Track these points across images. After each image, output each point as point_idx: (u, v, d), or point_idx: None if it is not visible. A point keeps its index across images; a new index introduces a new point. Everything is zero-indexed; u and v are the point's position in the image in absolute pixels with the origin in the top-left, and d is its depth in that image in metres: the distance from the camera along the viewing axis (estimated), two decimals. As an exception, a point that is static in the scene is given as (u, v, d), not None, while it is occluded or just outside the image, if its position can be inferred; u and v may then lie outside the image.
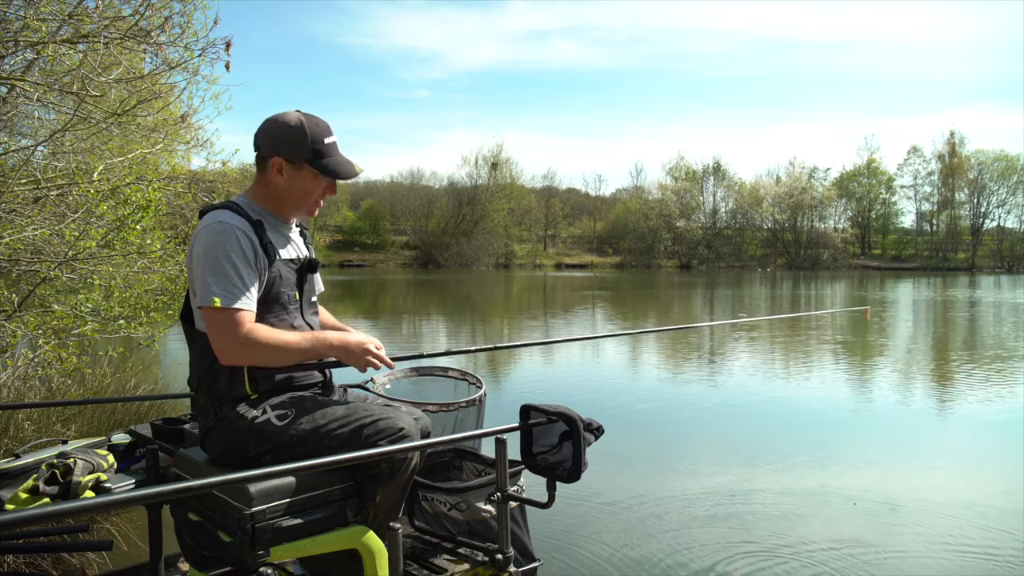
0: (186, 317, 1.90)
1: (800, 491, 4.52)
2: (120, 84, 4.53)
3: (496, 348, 2.96)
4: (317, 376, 1.97)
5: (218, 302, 1.72)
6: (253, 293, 1.79)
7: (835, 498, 4.38)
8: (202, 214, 1.89)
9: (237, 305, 1.74)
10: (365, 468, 1.79)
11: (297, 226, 2.07)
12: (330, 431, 1.78)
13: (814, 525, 3.95)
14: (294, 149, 1.87)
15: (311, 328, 1.98)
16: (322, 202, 1.98)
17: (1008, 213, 66.40)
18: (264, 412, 1.81)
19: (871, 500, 4.34)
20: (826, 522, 3.98)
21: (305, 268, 1.98)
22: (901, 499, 4.42)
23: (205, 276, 1.74)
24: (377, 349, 1.92)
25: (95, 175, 4.67)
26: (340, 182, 1.99)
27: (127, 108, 4.66)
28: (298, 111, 1.91)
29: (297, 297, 1.95)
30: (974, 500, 4.41)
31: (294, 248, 1.98)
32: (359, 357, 1.88)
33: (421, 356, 2.72)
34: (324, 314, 2.19)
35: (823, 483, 4.69)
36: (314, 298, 2.06)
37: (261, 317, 1.84)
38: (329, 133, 1.91)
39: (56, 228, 4.52)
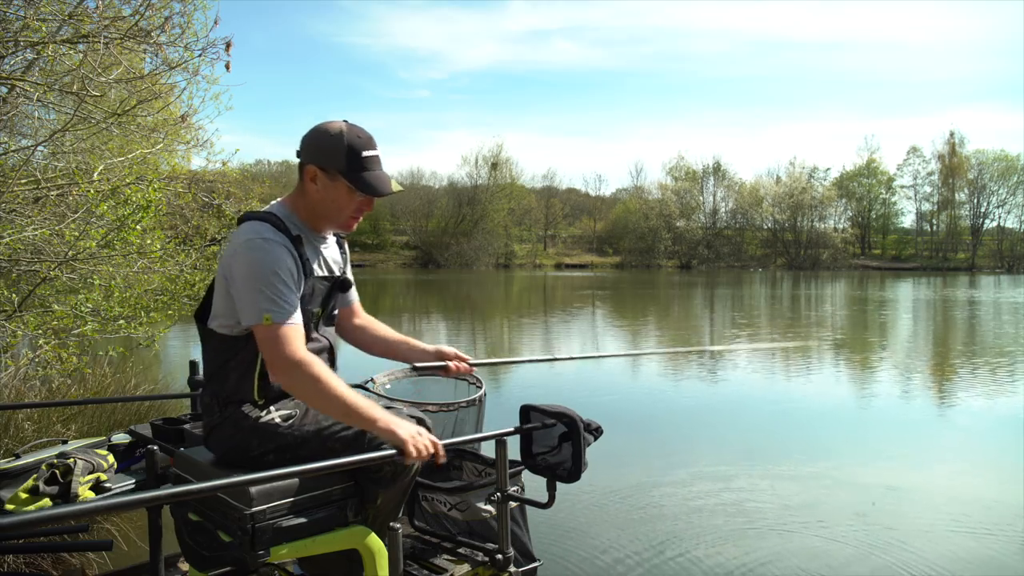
0: (200, 315, 1.90)
1: (801, 490, 4.52)
2: (120, 84, 4.53)
3: (532, 361, 2.79)
4: None
5: (269, 319, 1.70)
6: (298, 308, 1.77)
7: (835, 496, 4.38)
8: (240, 221, 1.85)
9: (289, 321, 1.72)
10: (367, 471, 1.79)
11: (337, 236, 2.04)
12: (333, 433, 1.78)
13: (815, 524, 3.94)
14: (329, 158, 1.82)
15: (324, 339, 1.97)
16: (360, 218, 1.92)
17: (1008, 213, 66.44)
18: (268, 412, 1.82)
19: (872, 498, 4.35)
20: (827, 521, 3.98)
21: (336, 286, 1.96)
22: (901, 497, 4.42)
23: (255, 297, 1.72)
24: (429, 443, 1.68)
25: (95, 175, 4.67)
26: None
27: (127, 108, 4.66)
28: (345, 121, 1.86)
29: (319, 312, 1.93)
30: (975, 498, 4.42)
31: (328, 264, 1.96)
32: (407, 445, 1.64)
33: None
34: (383, 328, 2.19)
35: (823, 482, 4.69)
36: (335, 312, 2.04)
37: None
38: (371, 147, 1.85)
39: (56, 228, 4.52)
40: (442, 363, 2.14)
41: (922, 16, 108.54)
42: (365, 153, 1.83)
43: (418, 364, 2.15)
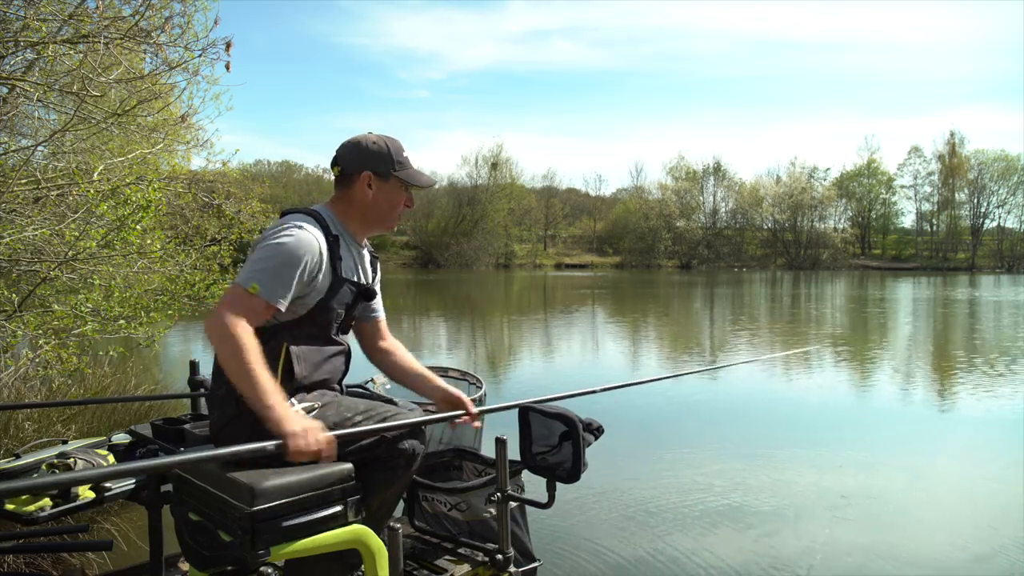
0: None
1: (800, 490, 4.53)
2: (120, 84, 4.53)
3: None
4: (337, 379, 2.03)
5: (256, 288, 1.75)
6: (284, 299, 1.81)
7: (834, 497, 4.38)
8: (283, 214, 1.97)
9: (268, 299, 1.76)
10: (383, 460, 1.83)
11: (371, 253, 2.14)
12: (356, 424, 1.82)
13: (813, 523, 3.95)
14: (380, 162, 1.98)
15: (345, 343, 2.05)
16: (397, 217, 2.06)
17: (1008, 213, 66.47)
18: (292, 405, 1.83)
19: (871, 498, 4.35)
20: (825, 520, 3.98)
21: (362, 292, 2.02)
22: (901, 497, 4.42)
23: (261, 266, 1.78)
24: (321, 448, 1.63)
25: (95, 175, 4.67)
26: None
27: (127, 108, 4.66)
28: (371, 133, 2.05)
29: (342, 316, 2.00)
30: (974, 499, 4.42)
31: (359, 272, 2.04)
32: (298, 443, 1.59)
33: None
34: (406, 358, 2.20)
35: (822, 482, 4.69)
36: (352, 321, 2.11)
37: (304, 326, 1.89)
38: (403, 149, 2.04)
39: (56, 228, 4.52)
40: (447, 416, 2.03)
41: (922, 16, 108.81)
42: (405, 154, 2.04)
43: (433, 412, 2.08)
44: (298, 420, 1.64)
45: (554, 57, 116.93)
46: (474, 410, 2.06)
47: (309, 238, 1.84)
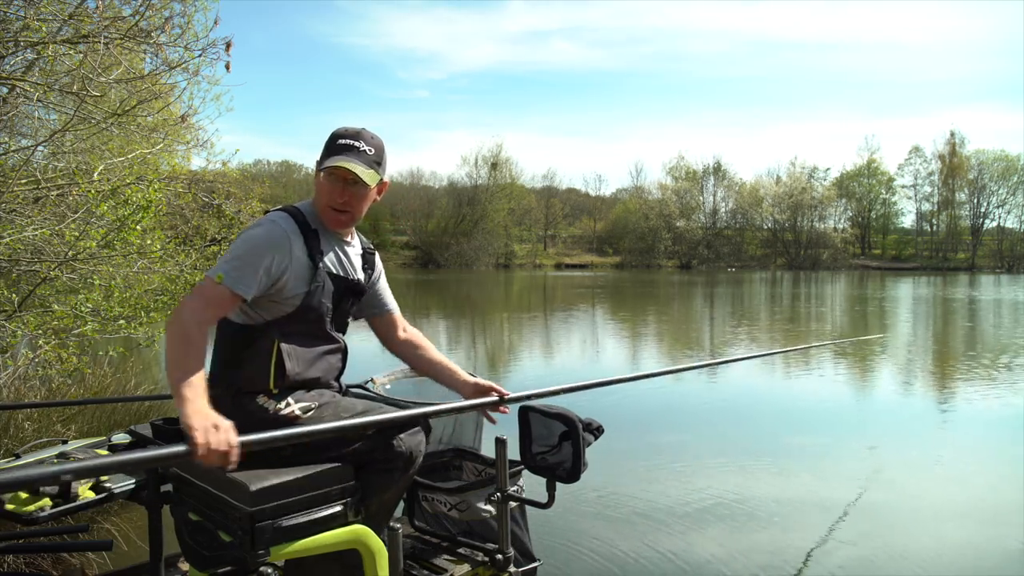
0: None
1: (800, 489, 4.52)
2: (120, 84, 4.52)
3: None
4: (332, 376, 2.01)
5: (221, 278, 1.75)
6: (250, 287, 1.80)
7: (834, 496, 4.37)
8: (267, 212, 1.99)
9: (233, 288, 1.76)
10: (381, 462, 1.81)
11: (367, 249, 2.12)
12: (353, 427, 1.80)
13: (813, 523, 3.94)
14: (321, 156, 1.94)
15: (341, 341, 2.03)
16: (339, 212, 1.93)
17: (1008, 213, 66.53)
18: (288, 404, 1.83)
19: (870, 497, 4.34)
20: (825, 520, 3.98)
21: (348, 287, 2.00)
22: (901, 497, 4.42)
23: (230, 257, 1.80)
24: (228, 450, 1.46)
25: (95, 175, 4.67)
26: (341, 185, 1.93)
27: (127, 108, 4.66)
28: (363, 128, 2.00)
29: (332, 311, 1.98)
30: (975, 499, 4.42)
31: (344, 266, 2.00)
32: (201, 439, 1.43)
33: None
34: (428, 348, 2.20)
35: (822, 481, 4.69)
36: (348, 318, 2.09)
37: (294, 323, 1.88)
38: (349, 136, 1.92)
39: (56, 228, 4.52)
40: (482, 401, 2.02)
41: (921, 16, 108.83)
42: (340, 141, 1.92)
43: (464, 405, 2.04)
44: (209, 417, 1.49)
45: (553, 57, 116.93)
46: (508, 395, 2.04)
47: (278, 231, 1.84)
